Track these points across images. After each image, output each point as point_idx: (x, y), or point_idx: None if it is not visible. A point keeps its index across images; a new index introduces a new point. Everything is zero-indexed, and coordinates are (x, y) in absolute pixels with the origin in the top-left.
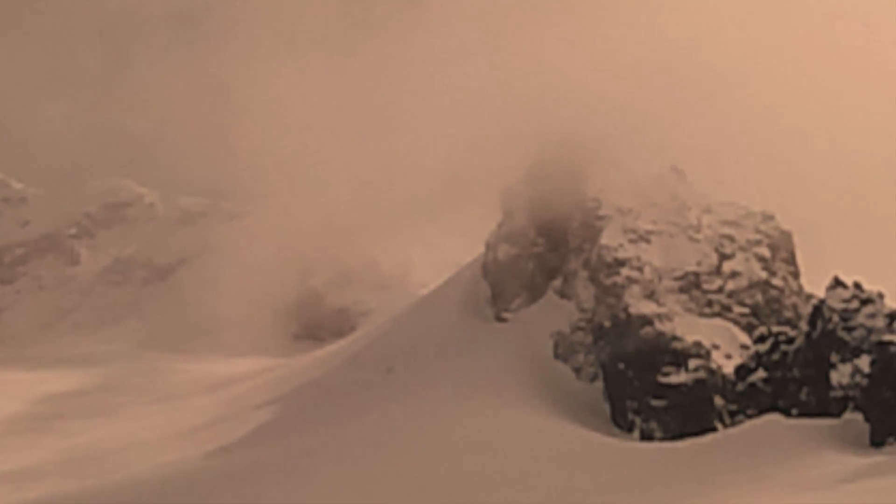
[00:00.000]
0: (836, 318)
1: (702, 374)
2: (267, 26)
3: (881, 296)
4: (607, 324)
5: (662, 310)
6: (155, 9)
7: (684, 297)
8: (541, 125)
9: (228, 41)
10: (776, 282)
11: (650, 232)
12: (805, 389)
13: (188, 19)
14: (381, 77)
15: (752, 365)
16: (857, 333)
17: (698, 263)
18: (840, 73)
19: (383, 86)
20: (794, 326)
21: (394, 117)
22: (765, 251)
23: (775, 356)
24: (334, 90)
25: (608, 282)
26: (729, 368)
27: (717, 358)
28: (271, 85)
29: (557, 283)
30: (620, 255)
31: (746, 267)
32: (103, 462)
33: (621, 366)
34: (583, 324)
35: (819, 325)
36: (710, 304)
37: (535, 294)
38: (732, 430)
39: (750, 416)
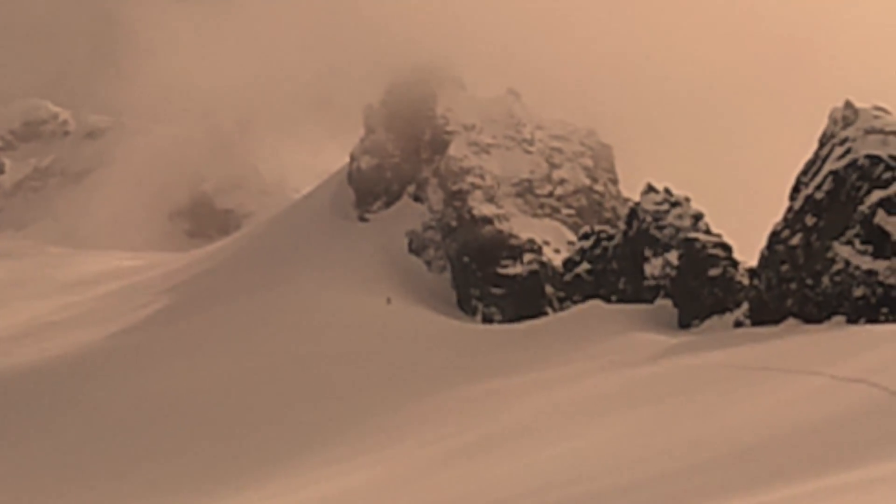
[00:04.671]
0: (649, 218)
1: (535, 267)
2: None
3: (688, 199)
4: (454, 223)
5: (501, 211)
6: None
7: (520, 200)
8: (397, 53)
9: None
10: (598, 188)
11: (490, 145)
12: (623, 279)
13: None
14: (260, 14)
15: (578, 259)
16: (667, 231)
17: (532, 172)
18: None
19: (261, 22)
20: (614, 226)
21: (271, 47)
22: (588, 161)
23: (597, 251)
24: (218, 26)
25: (455, 188)
26: (558, 261)
27: (548, 252)
28: (168, 23)
29: (412, 188)
30: (465, 164)
31: (573, 175)
32: (16, 341)
33: (466, 259)
34: (433, 223)
35: (635, 224)
36: (541, 206)
37: (392, 198)
38: (561, 314)
39: (576, 302)
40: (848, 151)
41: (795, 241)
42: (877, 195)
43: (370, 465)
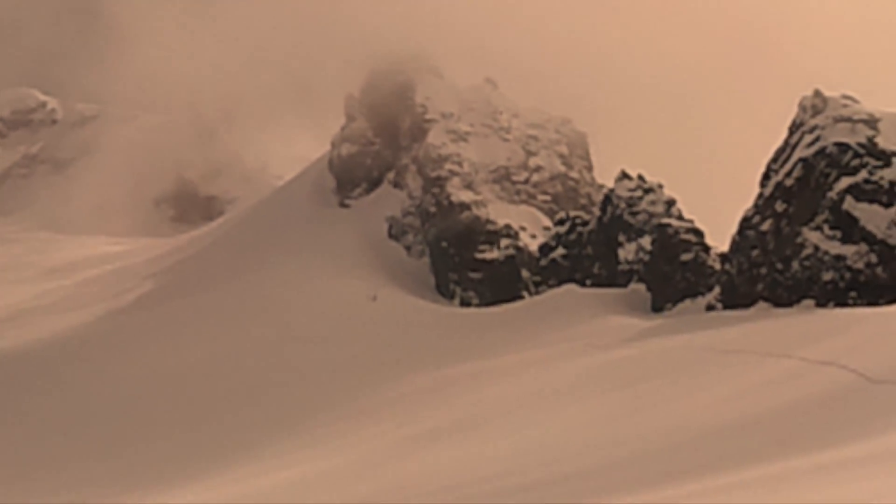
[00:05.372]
0: (623, 204)
1: (511, 252)
2: None
3: (660, 186)
4: (433, 209)
5: (479, 198)
6: None
7: (497, 187)
8: (376, 43)
9: None
10: (573, 174)
11: (468, 133)
12: (597, 264)
13: None
14: (242, 3)
15: (553, 244)
16: (641, 217)
17: (508, 159)
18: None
19: (243, 11)
20: (588, 212)
21: (254, 37)
22: (564, 149)
23: (572, 236)
24: (201, 16)
25: (433, 174)
26: (534, 247)
27: (524, 238)
28: (151, 13)
29: (391, 175)
30: (443, 152)
31: (548, 162)
32: (1, 325)
33: (444, 244)
34: (412, 209)
35: (609, 210)
36: (518, 193)
37: (372, 185)
38: (537, 298)
39: (551, 286)
40: (817, 139)
41: (766, 226)
42: (845, 182)
43: (345, 447)
